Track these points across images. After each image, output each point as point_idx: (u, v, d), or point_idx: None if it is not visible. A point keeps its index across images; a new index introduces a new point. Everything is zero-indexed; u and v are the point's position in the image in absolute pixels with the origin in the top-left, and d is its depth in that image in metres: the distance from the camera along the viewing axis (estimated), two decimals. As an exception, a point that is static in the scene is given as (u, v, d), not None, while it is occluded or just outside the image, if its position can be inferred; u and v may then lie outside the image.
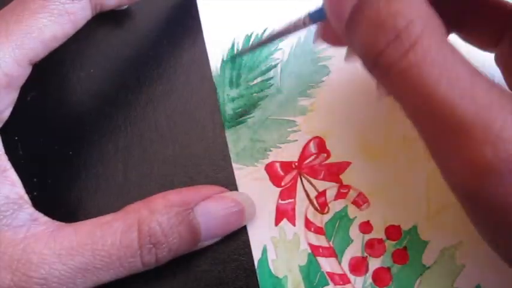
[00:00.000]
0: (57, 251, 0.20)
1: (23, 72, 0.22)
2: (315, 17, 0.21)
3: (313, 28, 0.28)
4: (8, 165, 0.22)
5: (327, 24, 0.20)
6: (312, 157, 0.26)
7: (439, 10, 0.17)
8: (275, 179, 0.25)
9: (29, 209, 0.22)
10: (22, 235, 0.21)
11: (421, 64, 0.16)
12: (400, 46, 0.16)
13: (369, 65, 0.18)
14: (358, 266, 0.24)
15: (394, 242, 0.24)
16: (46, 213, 0.22)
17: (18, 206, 0.21)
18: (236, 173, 0.26)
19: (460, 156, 0.16)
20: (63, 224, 0.22)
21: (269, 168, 0.26)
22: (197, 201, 0.23)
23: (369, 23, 0.17)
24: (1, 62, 0.21)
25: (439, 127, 0.16)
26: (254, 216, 0.25)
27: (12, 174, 0.22)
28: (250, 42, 0.28)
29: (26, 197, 0.22)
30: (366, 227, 0.24)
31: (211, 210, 0.23)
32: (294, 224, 0.24)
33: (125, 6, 0.29)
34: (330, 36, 0.22)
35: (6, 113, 0.23)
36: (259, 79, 0.27)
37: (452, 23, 0.22)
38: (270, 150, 0.26)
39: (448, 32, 0.17)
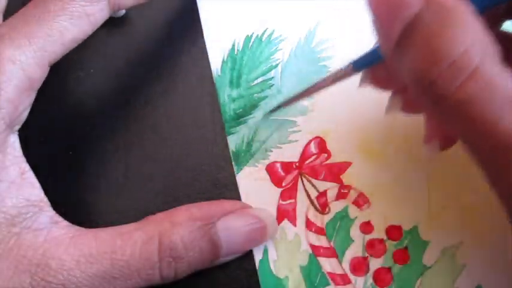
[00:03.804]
0: (76, 258, 0.20)
1: (43, 74, 0.22)
2: (359, 65, 0.20)
3: (313, 29, 0.28)
4: (27, 167, 0.22)
5: (376, 68, 0.20)
6: (313, 157, 0.25)
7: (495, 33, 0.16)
8: (276, 179, 0.25)
9: (49, 212, 0.21)
10: (42, 238, 0.20)
11: (480, 96, 0.15)
12: (457, 75, 0.15)
13: (418, 91, 0.16)
14: (359, 266, 0.24)
15: (394, 242, 0.24)
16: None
17: (39, 208, 0.21)
18: (237, 173, 0.25)
19: None
20: (83, 229, 0.22)
21: (270, 169, 0.25)
22: (219, 216, 0.22)
23: (421, 47, 0.16)
24: (24, 66, 0.21)
25: (502, 161, 0.15)
26: (276, 234, 0.24)
27: (31, 176, 0.22)
28: (278, 103, 0.26)
29: (45, 199, 0.22)
30: (366, 227, 0.24)
31: (233, 225, 0.22)
32: (294, 225, 0.24)
33: (123, 13, 0.29)
34: (379, 79, 0.21)
35: (25, 114, 0.22)
36: (259, 79, 0.27)
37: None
38: (271, 151, 0.26)
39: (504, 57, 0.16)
